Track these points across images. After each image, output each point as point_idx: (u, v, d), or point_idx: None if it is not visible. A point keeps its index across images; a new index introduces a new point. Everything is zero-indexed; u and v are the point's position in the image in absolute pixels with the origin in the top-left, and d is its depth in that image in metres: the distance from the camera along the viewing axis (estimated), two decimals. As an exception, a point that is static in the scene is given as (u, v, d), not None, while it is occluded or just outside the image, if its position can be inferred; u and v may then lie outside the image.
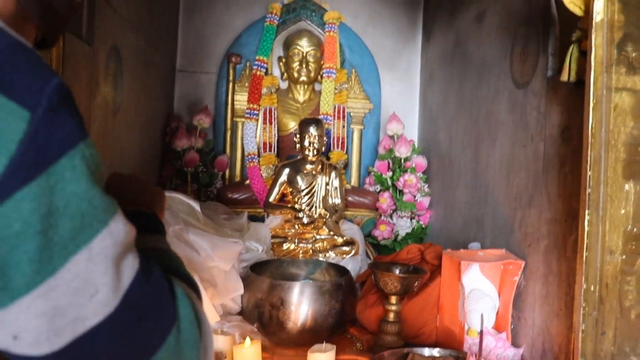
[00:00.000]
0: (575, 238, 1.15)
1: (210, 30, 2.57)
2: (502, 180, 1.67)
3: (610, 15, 0.99)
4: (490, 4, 1.83)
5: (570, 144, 1.30)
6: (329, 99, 2.46)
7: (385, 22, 2.65)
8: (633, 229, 0.97)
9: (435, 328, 1.62)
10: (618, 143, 0.99)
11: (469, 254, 1.57)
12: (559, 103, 1.36)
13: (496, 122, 1.73)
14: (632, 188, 0.98)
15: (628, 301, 0.97)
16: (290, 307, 1.49)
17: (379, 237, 2.35)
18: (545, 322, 1.39)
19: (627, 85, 0.99)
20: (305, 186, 2.12)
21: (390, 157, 2.41)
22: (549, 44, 1.42)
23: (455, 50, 2.17)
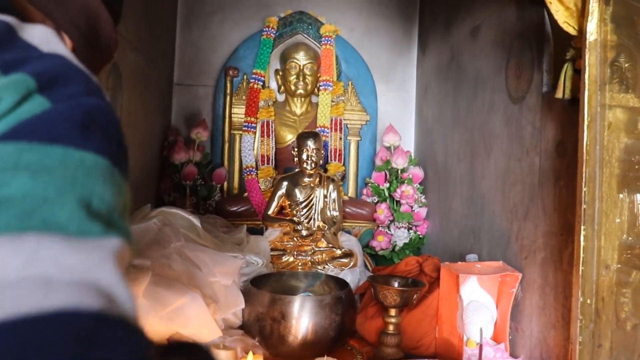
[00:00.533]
0: (571, 251, 1.17)
1: (208, 44, 2.60)
2: (497, 193, 1.70)
3: (603, 36, 1.02)
4: (485, 19, 1.86)
5: (565, 159, 1.32)
6: (326, 112, 2.48)
7: (381, 35, 2.68)
8: (628, 238, 1.00)
9: (435, 339, 1.64)
10: (612, 159, 1.02)
11: (466, 267, 1.59)
12: (554, 118, 1.38)
13: (491, 135, 1.76)
14: (626, 198, 1.00)
15: (624, 313, 0.99)
16: (291, 320, 1.50)
17: (376, 247, 2.36)
18: (543, 333, 1.41)
19: (620, 102, 1.02)
20: (304, 199, 2.14)
21: (387, 168, 2.44)
22: (544, 61, 1.44)
23: (451, 64, 2.19)
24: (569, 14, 1.09)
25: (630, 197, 0.99)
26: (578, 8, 1.07)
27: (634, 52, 0.99)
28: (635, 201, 0.98)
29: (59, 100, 0.41)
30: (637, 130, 0.99)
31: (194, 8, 2.57)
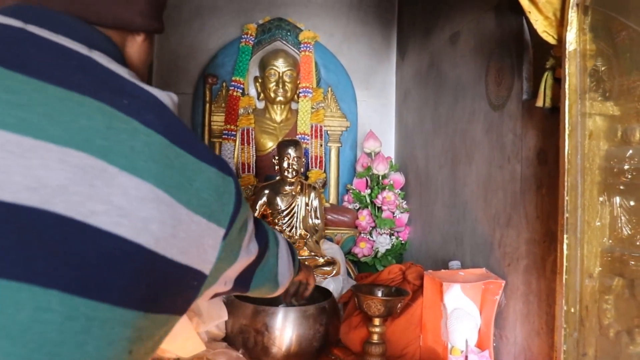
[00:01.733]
0: (554, 258, 1.18)
1: (186, 51, 2.58)
2: (479, 200, 1.70)
3: (582, 45, 1.03)
4: (465, 26, 1.87)
5: (546, 167, 1.33)
6: (306, 118, 2.48)
7: (360, 41, 2.68)
8: (609, 241, 1.00)
9: (419, 348, 1.64)
10: (593, 167, 1.02)
11: (450, 274, 1.59)
12: (535, 126, 1.39)
13: (472, 142, 1.76)
14: (606, 202, 1.01)
15: (607, 319, 1.00)
16: (275, 332, 1.49)
17: (359, 254, 2.36)
18: (527, 341, 1.42)
19: (600, 111, 1.02)
20: (285, 207, 2.13)
21: (368, 174, 2.44)
22: (523, 68, 1.45)
23: (430, 70, 2.20)
24: (548, 23, 1.10)
25: (610, 201, 0.99)
26: (557, 18, 1.08)
27: (612, 60, 1.00)
28: (614, 204, 0.99)
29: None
30: (617, 138, 1.00)
31: (171, 15, 2.55)
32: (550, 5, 1.07)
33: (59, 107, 0.56)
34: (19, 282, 0.51)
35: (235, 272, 0.81)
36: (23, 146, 0.53)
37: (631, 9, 0.91)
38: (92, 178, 0.55)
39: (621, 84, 0.95)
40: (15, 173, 0.52)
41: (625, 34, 0.93)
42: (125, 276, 0.57)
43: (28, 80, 0.57)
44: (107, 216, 0.55)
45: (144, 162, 0.59)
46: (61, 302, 0.52)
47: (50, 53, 0.62)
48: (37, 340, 0.51)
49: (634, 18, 0.90)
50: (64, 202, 0.53)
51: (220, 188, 0.68)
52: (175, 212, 0.61)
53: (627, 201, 0.95)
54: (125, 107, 0.61)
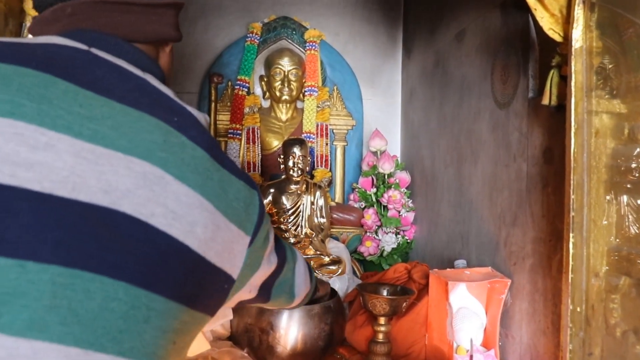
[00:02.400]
0: (560, 257, 1.17)
1: (191, 50, 2.58)
2: (485, 199, 1.70)
3: (588, 42, 1.02)
4: (470, 24, 1.86)
5: (552, 165, 1.33)
6: (312, 117, 2.48)
7: (366, 40, 2.68)
8: (615, 240, 0.99)
9: (424, 347, 1.63)
10: (600, 165, 1.02)
11: (455, 273, 1.59)
12: (540, 125, 1.38)
13: (478, 141, 1.76)
14: (613, 201, 1.00)
15: (613, 319, 0.99)
16: (280, 331, 1.49)
17: (364, 253, 2.36)
18: (533, 340, 1.41)
19: (607, 108, 1.01)
20: (291, 206, 2.13)
21: (374, 173, 2.43)
22: (529, 66, 1.44)
23: (436, 68, 2.20)
24: (554, 20, 1.09)
25: (617, 200, 0.99)
26: (563, 15, 1.07)
27: (619, 58, 0.99)
28: (621, 203, 0.98)
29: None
30: (623, 136, 0.99)
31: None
32: (557, 2, 1.07)
33: (123, 121, 0.65)
34: (91, 273, 0.57)
35: (259, 280, 0.89)
36: (96, 154, 0.61)
37: (639, 6, 0.90)
38: (152, 184, 0.63)
39: (628, 82, 0.95)
40: (90, 177, 0.60)
41: (633, 31, 0.92)
42: (176, 273, 0.64)
43: (96, 97, 0.65)
44: (164, 218, 0.63)
45: (191, 173, 0.68)
46: (126, 293, 0.59)
47: (112, 74, 0.70)
48: (105, 326, 0.58)
49: (641, 15, 0.89)
50: (130, 204, 0.61)
51: (247, 199, 0.76)
52: (215, 219, 0.69)
53: (635, 200, 0.95)
54: (175, 123, 0.69)
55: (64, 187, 0.58)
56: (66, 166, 0.59)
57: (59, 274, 0.56)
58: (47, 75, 0.63)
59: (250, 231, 0.77)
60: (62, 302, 0.55)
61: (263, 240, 0.82)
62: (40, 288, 0.55)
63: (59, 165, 0.59)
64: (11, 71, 0.62)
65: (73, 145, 0.60)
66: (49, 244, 0.56)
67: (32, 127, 0.59)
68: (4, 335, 0.53)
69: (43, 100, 0.61)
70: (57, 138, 0.60)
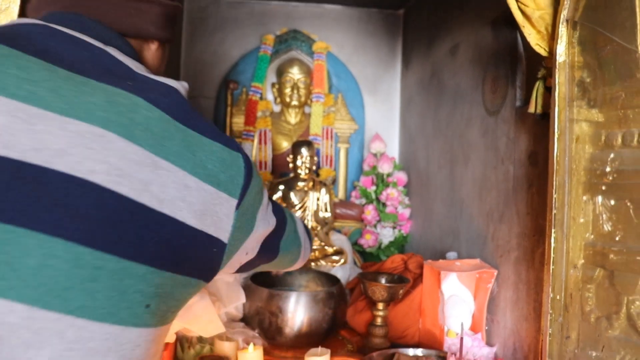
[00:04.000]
0: (542, 251, 1.18)
1: (210, 59, 2.60)
2: (475, 197, 1.71)
3: (571, 57, 1.03)
4: (463, 39, 1.87)
5: (537, 168, 1.34)
6: (318, 121, 2.49)
7: (368, 52, 2.69)
8: (591, 236, 1.00)
9: (418, 330, 1.65)
10: (579, 168, 1.03)
11: (447, 264, 1.60)
12: (526, 131, 1.40)
13: (469, 145, 1.77)
14: (589, 201, 1.01)
15: (588, 306, 1.00)
16: (288, 314, 1.51)
17: (364, 245, 2.37)
18: (516, 325, 1.42)
19: (587, 117, 1.02)
20: (298, 202, 2.14)
21: (374, 173, 2.45)
22: (517, 77, 1.46)
23: (432, 79, 2.21)
24: (540, 37, 1.10)
25: (593, 200, 1.00)
26: (549, 32, 1.09)
27: (597, 72, 1.00)
28: (597, 203, 0.99)
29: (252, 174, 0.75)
30: (600, 142, 1.00)
31: (197, 27, 2.57)
32: (543, 20, 1.08)
33: (63, 85, 0.60)
34: (25, 229, 0.53)
35: (256, 241, 0.82)
36: (29, 114, 0.56)
37: (616, 25, 0.91)
38: (89, 142, 0.58)
39: (605, 94, 0.96)
40: (22, 136, 0.55)
41: (610, 48, 0.93)
42: (131, 232, 0.58)
43: (40, 62, 0.61)
44: (107, 175, 0.57)
45: (142, 132, 0.61)
46: (66, 250, 0.54)
47: (66, 44, 0.67)
48: (47, 283, 0.53)
49: (619, 33, 0.91)
50: (64, 162, 0.56)
51: (227, 161, 0.70)
52: (178, 178, 0.63)
53: (609, 200, 0.96)
54: (128, 86, 0.64)
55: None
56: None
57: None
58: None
59: (236, 194, 0.70)
60: (1, 257, 0.52)
61: (253, 201, 0.76)
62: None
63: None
64: None
65: (6, 105, 0.56)
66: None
67: None
68: None
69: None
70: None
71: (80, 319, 0.54)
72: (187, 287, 0.67)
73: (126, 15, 0.77)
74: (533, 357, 1.33)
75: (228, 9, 2.61)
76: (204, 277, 0.70)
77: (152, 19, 0.80)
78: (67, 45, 0.66)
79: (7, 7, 1.02)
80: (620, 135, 0.93)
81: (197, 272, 0.68)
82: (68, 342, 0.53)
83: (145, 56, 0.83)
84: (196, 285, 0.69)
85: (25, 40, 0.63)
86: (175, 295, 0.66)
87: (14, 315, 0.51)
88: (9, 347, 0.51)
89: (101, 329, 0.56)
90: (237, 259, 0.79)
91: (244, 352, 1.32)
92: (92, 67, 0.65)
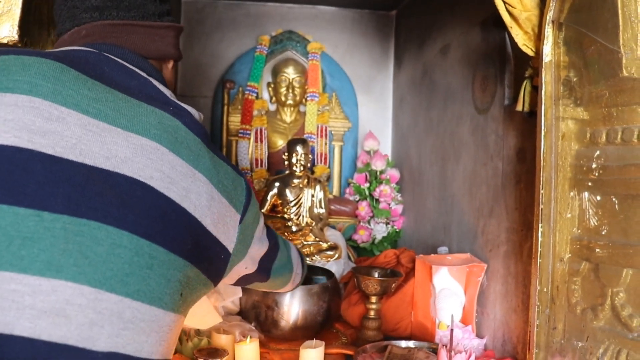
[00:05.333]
0: (530, 245, 1.19)
1: (207, 59, 2.59)
2: (465, 193, 1.72)
3: (557, 57, 1.04)
4: (454, 40, 1.87)
5: (525, 164, 1.35)
6: (313, 120, 2.49)
7: (362, 52, 2.69)
8: (577, 231, 1.01)
9: (410, 323, 1.66)
10: (565, 164, 1.03)
11: (438, 258, 1.61)
12: (515, 128, 1.40)
13: (460, 142, 1.78)
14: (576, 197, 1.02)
15: (574, 298, 1.01)
16: (283, 307, 1.51)
17: (358, 240, 2.38)
18: (505, 317, 1.43)
19: (572, 115, 1.03)
20: (294, 198, 2.15)
21: (368, 170, 2.45)
22: (505, 77, 1.46)
23: (423, 78, 2.21)
24: (527, 37, 1.11)
25: (579, 195, 1.01)
26: (535, 33, 1.09)
27: (582, 71, 1.01)
28: (583, 198, 1.00)
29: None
30: (586, 139, 1.01)
31: (195, 28, 2.57)
32: (529, 21, 1.09)
33: (123, 106, 0.69)
34: (97, 222, 0.61)
35: (252, 258, 0.92)
36: (99, 128, 0.65)
37: (600, 26, 0.92)
38: (149, 153, 0.67)
39: (590, 92, 0.97)
40: (94, 146, 0.64)
41: (594, 48, 0.94)
42: (176, 230, 0.67)
43: (102, 85, 0.70)
44: (162, 181, 0.67)
45: (184, 149, 0.72)
46: (130, 241, 0.62)
47: (119, 71, 0.76)
48: (113, 269, 0.61)
49: (602, 34, 0.91)
50: (129, 168, 0.65)
51: (235, 182, 0.81)
52: (208, 190, 0.73)
53: (594, 196, 0.97)
54: (170, 111, 0.74)
55: (73, 152, 0.62)
56: (74, 135, 0.63)
57: (70, 222, 0.59)
58: (61, 64, 0.68)
59: (240, 210, 0.81)
60: (74, 247, 0.58)
61: (252, 220, 0.86)
62: (55, 234, 0.58)
63: (69, 134, 0.63)
64: (31, 61, 0.67)
65: (81, 119, 0.64)
66: (60, 197, 0.60)
67: (47, 102, 0.64)
68: (26, 275, 0.56)
69: (57, 82, 0.66)
70: (67, 113, 0.64)
71: (136, 301, 0.62)
72: (204, 285, 0.75)
73: (151, 41, 0.86)
74: (521, 348, 1.34)
75: (225, 11, 2.60)
76: (213, 278, 0.78)
77: (170, 42, 0.90)
78: (118, 72, 0.75)
79: (9, 9, 1.02)
80: (604, 132, 0.93)
81: (212, 274, 0.77)
82: (125, 322, 0.60)
83: (164, 74, 0.92)
84: (209, 286, 0.78)
85: (85, 65, 0.71)
86: (197, 290, 0.73)
87: (83, 297, 0.58)
88: (76, 324, 0.57)
89: (151, 311, 0.63)
90: (237, 270, 0.89)
91: (240, 345, 1.33)
92: (140, 92, 0.74)
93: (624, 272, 0.88)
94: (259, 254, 0.95)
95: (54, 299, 0.56)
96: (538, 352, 1.02)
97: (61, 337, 0.56)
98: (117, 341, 0.60)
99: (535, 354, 1.02)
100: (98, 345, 0.58)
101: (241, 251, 0.84)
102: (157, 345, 0.64)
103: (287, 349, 1.50)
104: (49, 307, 0.56)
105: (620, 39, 0.87)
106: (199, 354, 1.28)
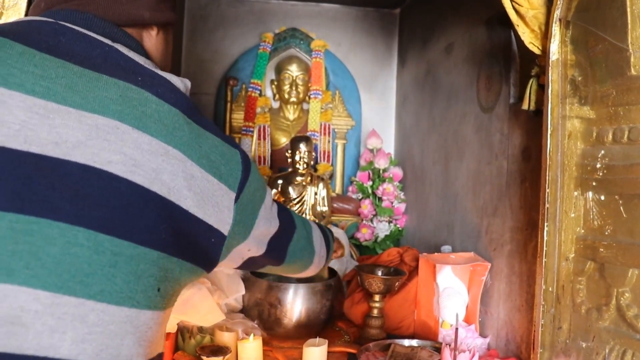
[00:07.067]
0: (535, 244, 1.19)
1: (210, 56, 2.59)
2: (469, 192, 1.71)
3: (564, 55, 1.03)
4: (458, 38, 1.87)
5: (530, 163, 1.34)
6: (316, 117, 2.49)
7: (365, 50, 2.69)
8: (581, 231, 1.01)
9: (413, 322, 1.65)
10: (571, 164, 1.03)
11: (442, 257, 1.61)
12: (520, 127, 1.40)
13: (464, 141, 1.77)
14: (580, 196, 1.01)
15: (579, 298, 1.01)
16: (286, 305, 1.51)
17: (361, 238, 2.38)
18: (509, 316, 1.43)
19: (578, 114, 1.03)
20: (296, 196, 2.14)
21: (370, 168, 2.45)
22: (511, 75, 1.46)
23: (427, 76, 2.21)
24: (534, 35, 1.10)
25: (584, 195, 1.00)
26: (542, 31, 1.09)
27: (589, 70, 1.00)
28: (587, 198, 1.00)
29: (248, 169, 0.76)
30: (592, 139, 1.01)
31: (198, 25, 2.57)
32: (536, 19, 1.08)
33: (78, 81, 0.61)
34: (48, 220, 0.54)
35: (258, 240, 0.83)
36: (47, 109, 0.58)
37: (608, 25, 0.91)
38: (106, 134, 0.59)
39: (596, 91, 0.96)
40: (41, 130, 0.56)
41: (601, 46, 0.94)
42: (145, 219, 0.60)
43: (54, 59, 0.62)
44: (123, 165, 0.59)
45: (154, 124, 0.63)
46: (87, 238, 0.56)
47: (77, 41, 0.67)
48: (70, 270, 0.55)
49: (610, 32, 0.91)
50: (82, 154, 0.57)
51: (227, 155, 0.72)
52: (186, 167, 0.65)
53: (599, 195, 0.96)
54: (138, 82, 0.66)
55: (16, 140, 0.55)
56: (17, 120, 0.56)
57: (17, 221, 0.53)
58: (5, 39, 0.61)
59: (235, 187, 0.72)
60: (24, 248, 0.53)
61: (252, 197, 0.77)
62: (1, 234, 0.52)
63: (10, 120, 0.55)
64: None
65: (24, 101, 0.57)
66: (4, 193, 0.53)
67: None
68: None
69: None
70: (8, 94, 0.56)
71: (100, 303, 0.56)
72: (191, 273, 0.68)
73: (118, 4, 0.75)
74: (525, 347, 1.34)
75: (228, 8, 2.60)
76: (205, 266, 0.71)
77: (144, 4, 0.78)
78: (77, 42, 0.67)
79: (15, 3, 1.02)
80: (611, 131, 0.93)
81: (200, 261, 0.69)
82: (90, 326, 0.55)
83: (146, 45, 0.81)
84: (199, 273, 0.71)
85: (37, 38, 0.64)
86: (181, 281, 0.67)
87: (39, 303, 0.53)
88: (34, 333, 0.52)
89: (120, 312, 0.57)
90: (239, 253, 0.80)
91: (243, 342, 1.32)
92: (103, 63, 0.66)
93: (629, 272, 0.87)
94: (266, 235, 0.86)
95: (7, 306, 0.51)
96: (543, 352, 1.02)
97: (18, 348, 0.51)
98: (83, 347, 0.54)
99: (540, 354, 1.02)
100: (61, 352, 0.53)
101: (240, 233, 0.75)
102: (136, 346, 0.59)
103: (290, 346, 1.50)
104: (2, 314, 0.51)
105: (629, 37, 0.86)
106: (201, 352, 1.28)
